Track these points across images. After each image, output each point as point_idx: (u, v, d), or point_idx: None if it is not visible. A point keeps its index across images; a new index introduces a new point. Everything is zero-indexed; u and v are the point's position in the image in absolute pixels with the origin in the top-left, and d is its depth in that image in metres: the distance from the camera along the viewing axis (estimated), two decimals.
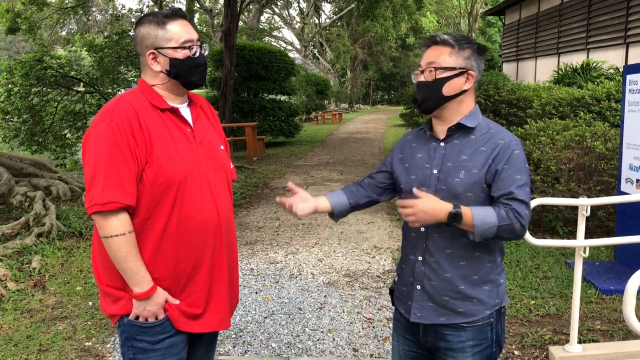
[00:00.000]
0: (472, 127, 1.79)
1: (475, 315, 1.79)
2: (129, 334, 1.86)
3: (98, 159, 1.73)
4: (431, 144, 1.85)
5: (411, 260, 1.85)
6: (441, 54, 1.78)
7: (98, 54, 14.08)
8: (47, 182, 7.63)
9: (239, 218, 7.02)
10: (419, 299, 1.83)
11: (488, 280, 1.80)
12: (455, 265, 1.77)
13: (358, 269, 4.98)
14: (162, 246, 1.82)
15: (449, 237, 1.76)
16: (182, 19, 1.87)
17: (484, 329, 1.81)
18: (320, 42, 35.98)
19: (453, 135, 1.81)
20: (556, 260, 4.90)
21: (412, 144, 1.93)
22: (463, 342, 1.80)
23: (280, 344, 3.55)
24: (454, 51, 1.77)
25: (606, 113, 6.61)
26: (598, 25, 12.99)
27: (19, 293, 4.36)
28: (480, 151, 1.74)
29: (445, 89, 1.77)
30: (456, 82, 1.77)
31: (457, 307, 1.79)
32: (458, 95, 1.78)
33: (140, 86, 1.89)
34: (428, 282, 1.80)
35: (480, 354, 1.82)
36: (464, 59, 1.77)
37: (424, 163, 1.83)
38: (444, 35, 1.79)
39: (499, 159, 1.71)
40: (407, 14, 27.84)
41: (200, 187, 1.86)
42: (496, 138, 1.75)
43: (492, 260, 1.81)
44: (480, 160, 1.73)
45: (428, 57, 1.80)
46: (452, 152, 1.79)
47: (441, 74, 1.76)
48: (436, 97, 1.78)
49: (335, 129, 21.64)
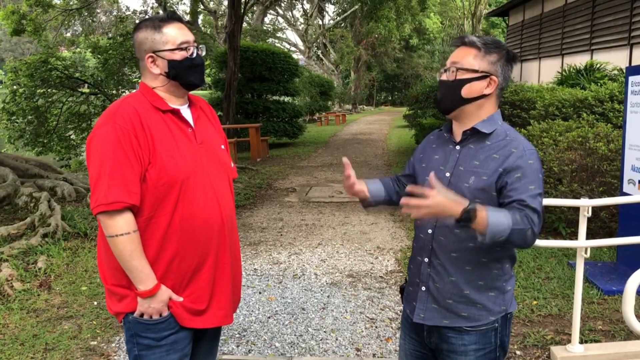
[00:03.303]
0: (487, 132, 1.76)
1: (479, 320, 1.77)
2: (134, 331, 1.90)
3: (102, 161, 1.77)
4: (448, 146, 1.85)
5: (418, 261, 1.85)
6: (466, 55, 1.76)
7: (102, 56, 14.16)
8: (52, 183, 7.68)
9: (243, 219, 7.05)
10: (423, 300, 1.83)
11: (494, 286, 1.78)
12: (460, 269, 1.76)
13: (361, 269, 5.00)
14: (166, 244, 1.85)
15: (456, 241, 1.75)
16: (177, 22, 1.93)
17: (488, 334, 1.80)
18: (324, 43, 36.03)
19: (468, 140, 1.79)
20: (559, 261, 4.91)
21: (432, 145, 1.93)
22: (466, 345, 1.80)
23: (283, 344, 3.58)
24: (480, 54, 1.75)
25: (609, 114, 6.61)
26: (602, 26, 12.97)
27: (25, 293, 4.40)
28: (492, 158, 1.71)
29: (464, 90, 1.75)
30: (476, 85, 1.75)
31: (461, 311, 1.78)
32: (477, 99, 1.76)
33: (142, 89, 1.94)
34: (433, 284, 1.80)
35: (484, 357, 1.81)
36: (488, 63, 1.75)
37: (439, 165, 1.83)
38: (472, 37, 1.78)
39: (511, 168, 1.67)
40: (411, 15, 27.83)
41: (203, 185, 1.90)
42: (510, 146, 1.71)
43: (500, 267, 1.78)
44: (491, 167, 1.70)
45: (454, 56, 1.80)
46: (465, 156, 1.78)
47: (462, 75, 1.75)
48: (453, 98, 1.77)
49: (339, 130, 21.65)
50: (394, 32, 29.52)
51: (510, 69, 1.79)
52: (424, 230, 1.82)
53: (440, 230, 1.77)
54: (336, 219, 6.95)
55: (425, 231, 1.82)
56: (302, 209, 7.59)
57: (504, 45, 1.80)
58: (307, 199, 8.28)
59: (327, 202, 8.03)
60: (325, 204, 7.90)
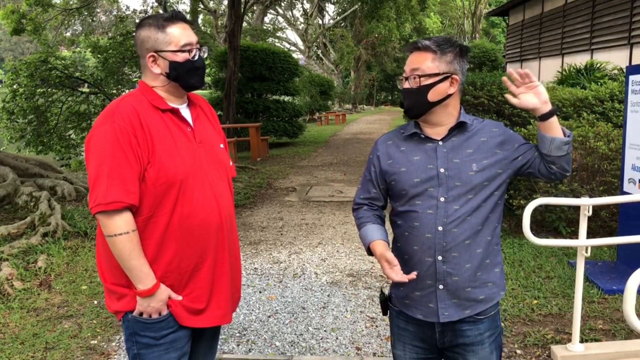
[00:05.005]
0: (469, 122, 1.85)
1: (493, 298, 1.85)
2: (133, 330, 1.90)
3: (101, 160, 1.76)
4: (426, 145, 1.85)
5: (428, 262, 1.80)
6: (424, 60, 1.78)
7: (102, 55, 14.17)
8: (52, 183, 7.68)
9: (243, 218, 7.05)
10: (443, 298, 1.81)
11: (496, 262, 1.87)
12: (474, 255, 1.80)
13: (361, 268, 5.00)
14: (165, 244, 1.85)
15: (469, 228, 1.78)
16: (182, 22, 1.90)
17: (495, 318, 1.89)
18: (324, 42, 36.01)
19: (451, 134, 1.84)
20: (559, 260, 4.91)
21: (400, 148, 1.89)
22: (482, 334, 1.84)
23: (284, 343, 3.58)
24: (437, 56, 1.78)
25: (609, 114, 6.60)
26: (602, 26, 12.97)
27: (25, 292, 4.40)
28: (482, 142, 1.82)
29: (430, 95, 1.78)
30: (441, 88, 1.78)
31: (478, 296, 1.82)
32: (444, 100, 1.80)
33: (141, 88, 1.93)
34: (451, 279, 1.80)
35: (494, 342, 1.88)
36: (446, 64, 1.78)
37: (426, 164, 1.82)
38: (425, 41, 1.80)
39: (510, 145, 1.84)
40: (411, 15, 27.79)
41: (202, 185, 1.90)
42: (489, 128, 1.86)
43: (497, 242, 1.88)
44: (484, 149, 1.81)
45: (411, 63, 1.81)
46: (454, 149, 1.81)
47: (425, 81, 1.78)
48: (422, 104, 1.80)
49: (339, 130, 21.65)
50: (394, 31, 29.47)
51: (465, 63, 1.84)
52: (432, 230, 1.79)
53: (453, 224, 1.77)
54: (336, 218, 6.94)
55: (433, 230, 1.78)
56: (302, 209, 7.59)
57: (456, 41, 1.84)
58: (307, 199, 8.28)
59: (327, 202, 8.03)
60: (326, 204, 7.90)
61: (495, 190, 1.81)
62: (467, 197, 1.78)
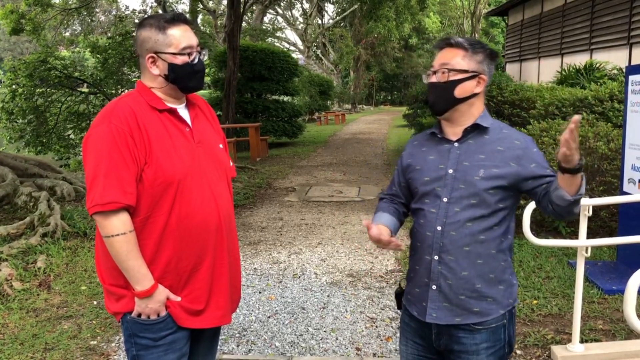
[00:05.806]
0: (487, 126, 1.82)
1: (489, 314, 1.79)
2: (132, 331, 1.89)
3: (98, 161, 1.76)
4: (443, 145, 1.86)
5: (426, 260, 1.82)
6: (455, 56, 1.79)
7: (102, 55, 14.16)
8: (52, 183, 7.67)
9: (242, 218, 7.04)
10: (435, 299, 1.81)
11: (503, 279, 1.81)
12: (472, 264, 1.77)
13: (361, 269, 4.99)
14: (163, 244, 1.84)
15: (468, 234, 1.76)
16: (183, 24, 1.89)
17: (498, 331, 1.81)
18: (324, 42, 36.03)
19: (467, 136, 1.83)
20: (559, 261, 4.90)
21: (422, 148, 1.93)
22: (477, 344, 1.80)
23: (283, 343, 3.57)
24: (468, 54, 1.79)
25: (609, 114, 6.60)
26: (601, 26, 12.97)
27: (25, 292, 4.39)
28: (497, 150, 1.78)
29: (457, 91, 1.78)
30: (468, 85, 1.79)
31: (473, 307, 1.78)
32: (469, 98, 1.80)
33: (139, 88, 1.92)
34: (444, 281, 1.79)
35: (494, 355, 1.82)
36: (476, 63, 1.79)
37: (437, 164, 1.84)
38: (458, 38, 1.81)
39: (527, 161, 1.76)
40: (411, 15, 27.79)
41: (200, 185, 1.89)
42: (511, 139, 1.80)
43: (505, 259, 1.82)
44: (498, 158, 1.77)
45: (441, 58, 1.81)
46: (467, 152, 1.81)
47: (454, 76, 1.78)
48: (448, 99, 1.80)
49: (338, 130, 21.65)
50: (394, 31, 29.47)
51: (493, 67, 1.85)
52: (432, 228, 1.80)
53: (451, 226, 1.77)
54: (336, 218, 6.94)
55: (433, 229, 1.80)
56: (301, 209, 7.59)
57: (487, 45, 1.86)
58: (306, 199, 8.27)
59: (326, 202, 8.03)
60: (325, 204, 7.89)
61: (500, 201, 1.77)
62: (470, 202, 1.76)
